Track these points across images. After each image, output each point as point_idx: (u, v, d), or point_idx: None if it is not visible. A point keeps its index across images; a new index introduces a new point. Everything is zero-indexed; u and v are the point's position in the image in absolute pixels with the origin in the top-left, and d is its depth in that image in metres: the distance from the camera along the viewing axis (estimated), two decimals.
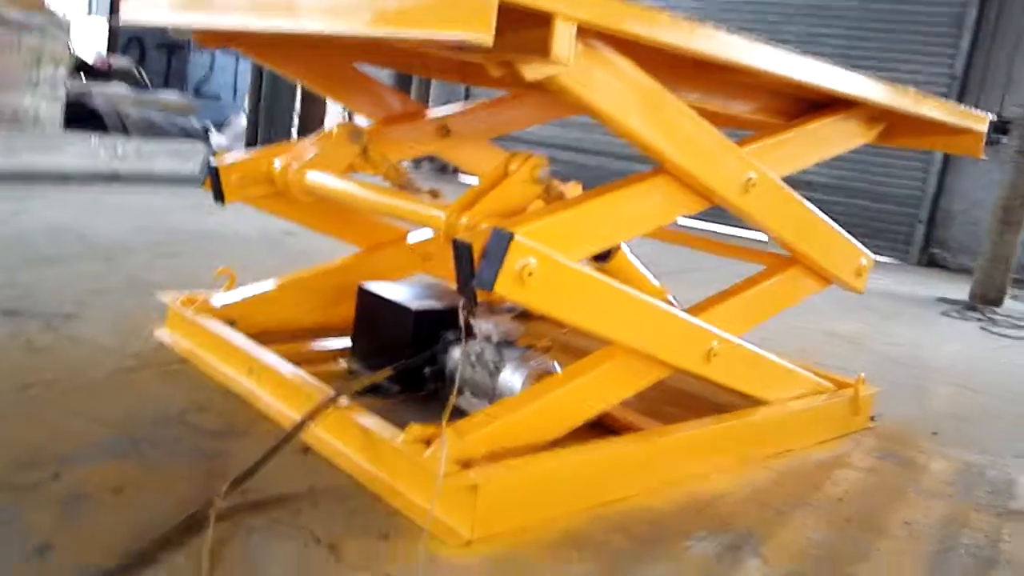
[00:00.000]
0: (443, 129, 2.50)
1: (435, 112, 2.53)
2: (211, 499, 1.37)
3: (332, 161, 2.14)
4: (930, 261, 7.20)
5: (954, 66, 6.88)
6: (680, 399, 2.29)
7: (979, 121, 2.26)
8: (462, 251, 1.45)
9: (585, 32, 1.34)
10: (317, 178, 2.07)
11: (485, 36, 1.17)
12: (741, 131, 2.13)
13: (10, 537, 1.24)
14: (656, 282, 2.52)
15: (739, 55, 1.60)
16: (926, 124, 2.18)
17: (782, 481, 1.90)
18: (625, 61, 1.49)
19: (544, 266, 1.46)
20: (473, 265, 1.43)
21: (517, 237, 1.41)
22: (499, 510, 1.46)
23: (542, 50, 1.27)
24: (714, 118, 1.73)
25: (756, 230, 1.97)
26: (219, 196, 2.17)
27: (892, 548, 1.65)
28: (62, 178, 4.83)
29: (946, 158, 7.08)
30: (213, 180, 2.16)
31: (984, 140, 2.28)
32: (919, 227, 7.13)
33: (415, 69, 2.78)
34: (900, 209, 7.23)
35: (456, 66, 2.53)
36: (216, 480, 1.46)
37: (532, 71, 1.32)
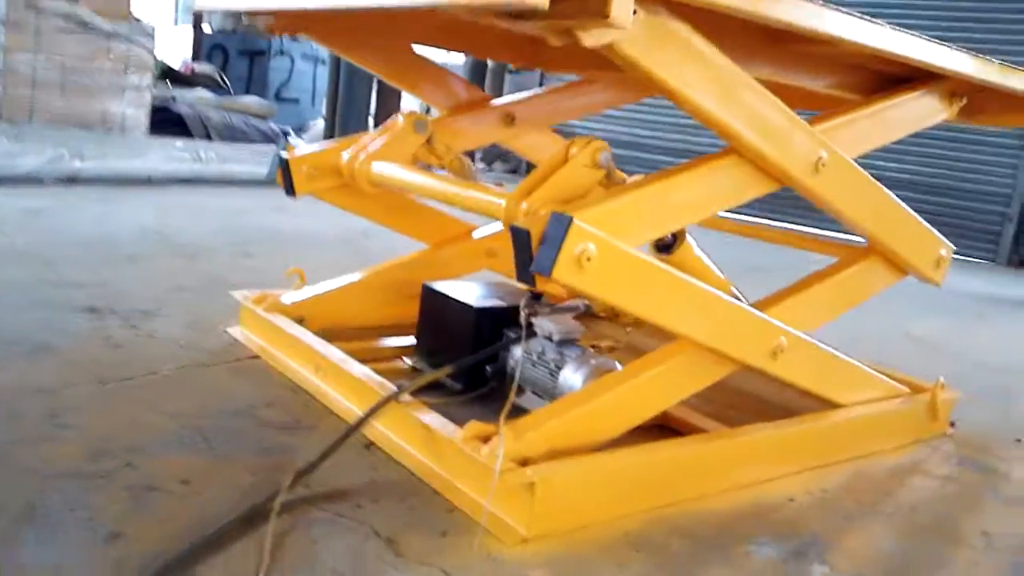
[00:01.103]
0: (508, 117, 2.49)
1: (500, 100, 2.53)
2: (275, 491, 1.40)
3: (398, 152, 2.16)
4: (1021, 261, 6.89)
5: None
6: (747, 403, 2.24)
7: None
8: (520, 236, 1.43)
9: None
10: (382, 168, 2.09)
11: (541, 2, 1.16)
12: (810, 112, 2.07)
13: (82, 524, 1.29)
14: (721, 275, 2.47)
15: (804, 20, 1.52)
16: (1012, 99, 2.08)
17: (853, 487, 1.84)
18: (689, 29, 1.44)
19: (604, 252, 1.43)
20: (531, 251, 1.41)
21: (576, 221, 1.39)
22: (557, 509, 1.45)
23: (601, 14, 1.23)
24: (787, 95, 1.67)
25: (828, 215, 1.90)
26: (290, 189, 2.21)
27: (968, 559, 1.58)
28: (147, 181, 5.01)
29: None
30: (284, 172, 2.20)
31: None
32: (1008, 225, 6.82)
33: (483, 51, 2.77)
34: (988, 207, 6.93)
35: (526, 46, 2.52)
36: (281, 473, 1.50)
37: (591, 37, 1.28)
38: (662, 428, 1.92)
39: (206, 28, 9.84)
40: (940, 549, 1.60)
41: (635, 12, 1.28)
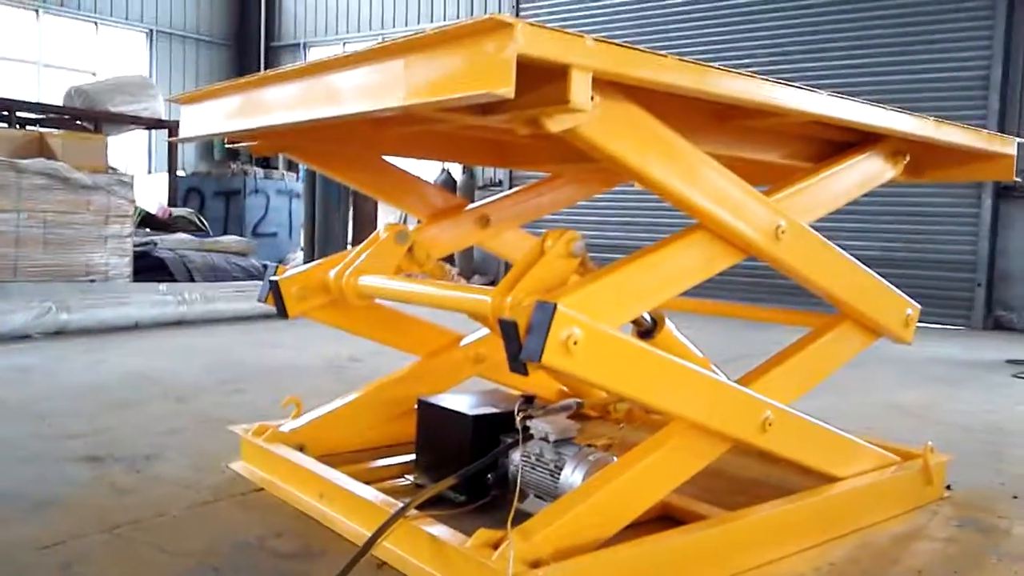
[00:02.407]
0: (483, 219, 2.60)
1: (474, 204, 2.64)
2: None
3: (381, 263, 2.25)
4: (996, 324, 7.05)
5: (986, 125, 6.93)
6: (747, 487, 2.28)
7: (1007, 144, 2.29)
8: (508, 328, 1.50)
9: (601, 83, 1.41)
10: (369, 280, 2.17)
11: (508, 90, 1.25)
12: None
13: None
14: (700, 354, 2.55)
15: (747, 93, 1.64)
16: (952, 153, 2.23)
17: (858, 558, 1.88)
18: (642, 112, 1.56)
19: (589, 335, 1.50)
20: (520, 340, 1.48)
21: (560, 307, 1.46)
22: None
23: (563, 100, 1.34)
24: (740, 170, 1.77)
25: (796, 280, 1.99)
26: (282, 311, 2.27)
27: None
28: (134, 326, 5.08)
29: (995, 217, 7.04)
30: (275, 295, 2.27)
31: (1015, 163, 2.28)
32: (979, 290, 7.02)
33: (452, 156, 2.89)
34: (956, 275, 7.14)
35: (490, 148, 2.67)
36: None
37: (555, 123, 1.40)
38: (664, 519, 1.96)
39: (181, 172, 10.11)
40: None
41: (593, 98, 1.38)
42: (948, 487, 2.37)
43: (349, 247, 7.95)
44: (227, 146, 2.54)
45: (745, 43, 8.16)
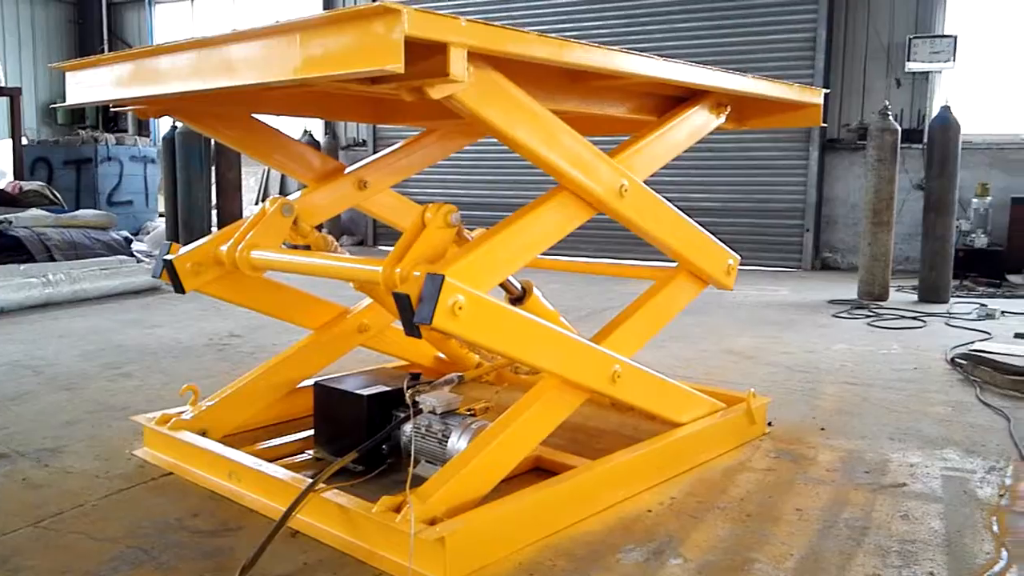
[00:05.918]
0: (361, 183, 2.79)
1: (353, 167, 2.83)
2: None
3: (270, 236, 2.42)
4: (823, 265, 7.82)
5: (813, 82, 7.57)
6: (605, 436, 2.66)
7: (814, 94, 2.69)
8: (402, 300, 1.77)
9: (475, 56, 1.67)
10: (262, 255, 2.35)
11: (397, 67, 1.49)
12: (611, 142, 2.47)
13: None
14: (552, 308, 2.90)
15: (599, 61, 1.93)
16: (768, 103, 2.63)
17: (694, 491, 2.27)
18: (509, 82, 1.83)
19: (471, 301, 1.78)
20: (413, 309, 1.75)
21: (448, 279, 1.73)
22: (464, 555, 1.79)
23: (443, 73, 1.59)
24: (595, 123, 2.03)
25: (637, 234, 2.32)
26: (178, 287, 2.41)
27: (785, 532, 2.03)
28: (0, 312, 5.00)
29: (821, 168, 7.75)
30: (170, 273, 2.40)
31: (822, 111, 2.71)
32: (807, 235, 7.76)
33: (335, 115, 3.06)
34: (788, 221, 7.86)
35: (367, 105, 2.88)
36: (224, 572, 1.76)
37: (437, 91, 1.65)
38: (538, 470, 2.30)
39: (23, 140, 9.61)
40: (764, 528, 2.04)
41: (468, 69, 1.64)
42: (769, 423, 2.82)
43: (214, 215, 7.89)
44: (114, 110, 2.60)
45: (602, 16, 8.50)
